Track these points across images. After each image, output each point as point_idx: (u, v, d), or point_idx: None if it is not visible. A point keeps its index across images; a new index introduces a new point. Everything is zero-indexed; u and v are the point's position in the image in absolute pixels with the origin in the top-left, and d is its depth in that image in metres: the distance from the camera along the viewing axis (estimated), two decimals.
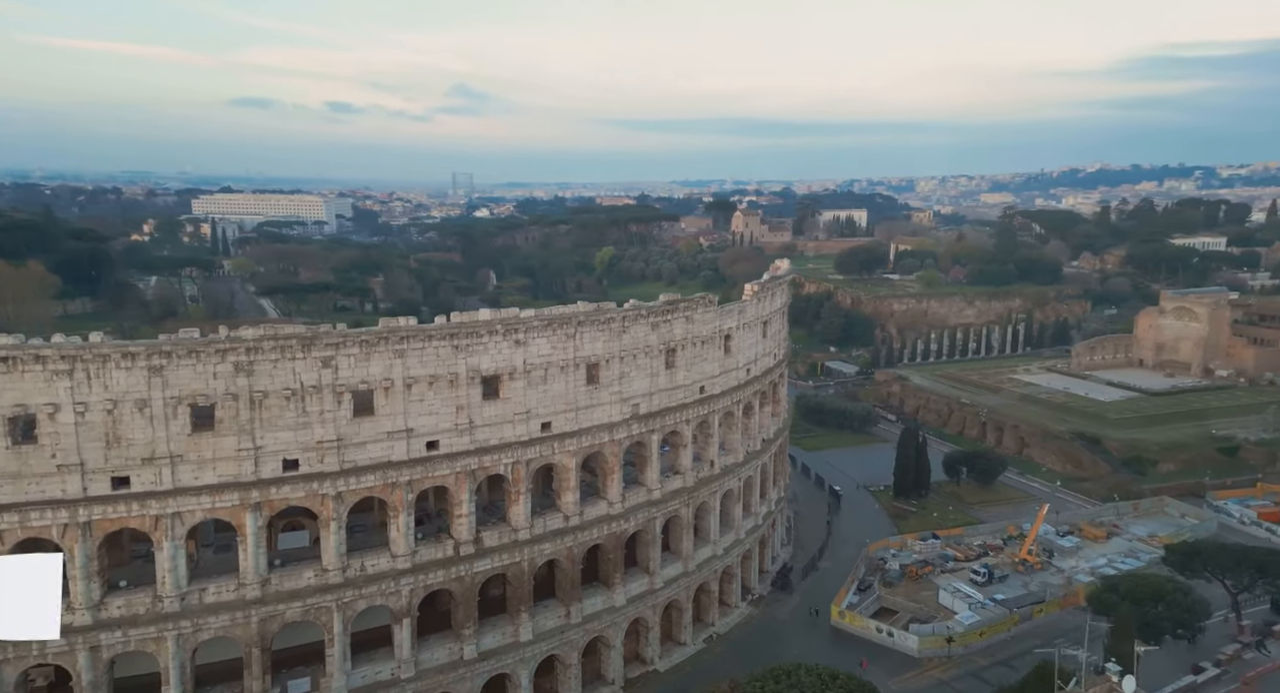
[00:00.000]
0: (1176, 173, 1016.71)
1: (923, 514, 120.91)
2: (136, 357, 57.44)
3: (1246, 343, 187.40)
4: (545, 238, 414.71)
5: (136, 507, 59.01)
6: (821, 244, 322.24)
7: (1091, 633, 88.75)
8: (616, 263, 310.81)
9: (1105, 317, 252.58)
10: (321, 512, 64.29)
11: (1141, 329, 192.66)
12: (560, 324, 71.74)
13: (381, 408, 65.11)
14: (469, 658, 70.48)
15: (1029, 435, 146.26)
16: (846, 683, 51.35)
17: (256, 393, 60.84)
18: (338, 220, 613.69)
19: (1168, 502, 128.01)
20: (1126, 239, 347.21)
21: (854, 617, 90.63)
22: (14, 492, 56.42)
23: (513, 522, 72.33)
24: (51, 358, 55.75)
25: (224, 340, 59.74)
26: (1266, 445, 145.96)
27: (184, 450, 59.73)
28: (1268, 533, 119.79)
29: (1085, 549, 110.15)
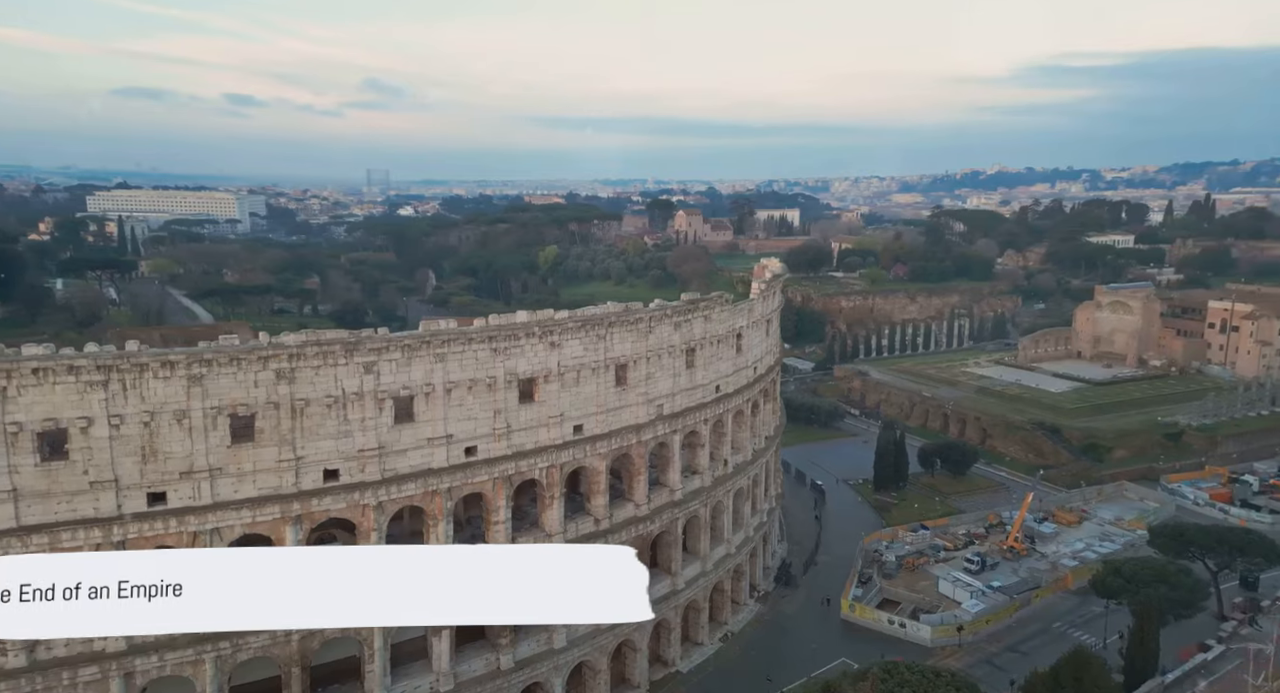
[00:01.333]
0: (1066, 175, 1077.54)
1: (904, 506, 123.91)
2: (176, 365, 54.51)
3: (1175, 334, 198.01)
4: (482, 237, 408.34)
5: (174, 523, 56.05)
6: (762, 243, 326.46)
7: (1090, 616, 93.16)
8: (561, 262, 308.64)
9: (1035, 311, 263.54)
10: (362, 523, 62.19)
11: (1080, 322, 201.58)
12: (592, 325, 71.03)
13: (422, 414, 63.37)
14: (506, 668, 69.18)
15: (991, 427, 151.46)
16: (951, 680, 52.05)
17: (298, 401, 58.48)
18: (251, 218, 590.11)
19: (1126, 486, 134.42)
20: (1044, 237, 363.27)
21: (864, 609, 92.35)
22: (43, 512, 52.92)
23: (546, 527, 71.31)
24: (86, 369, 52.43)
25: (267, 347, 57.19)
26: (1207, 431, 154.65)
27: (223, 463, 57.01)
28: (1221, 513, 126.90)
29: (1063, 534, 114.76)
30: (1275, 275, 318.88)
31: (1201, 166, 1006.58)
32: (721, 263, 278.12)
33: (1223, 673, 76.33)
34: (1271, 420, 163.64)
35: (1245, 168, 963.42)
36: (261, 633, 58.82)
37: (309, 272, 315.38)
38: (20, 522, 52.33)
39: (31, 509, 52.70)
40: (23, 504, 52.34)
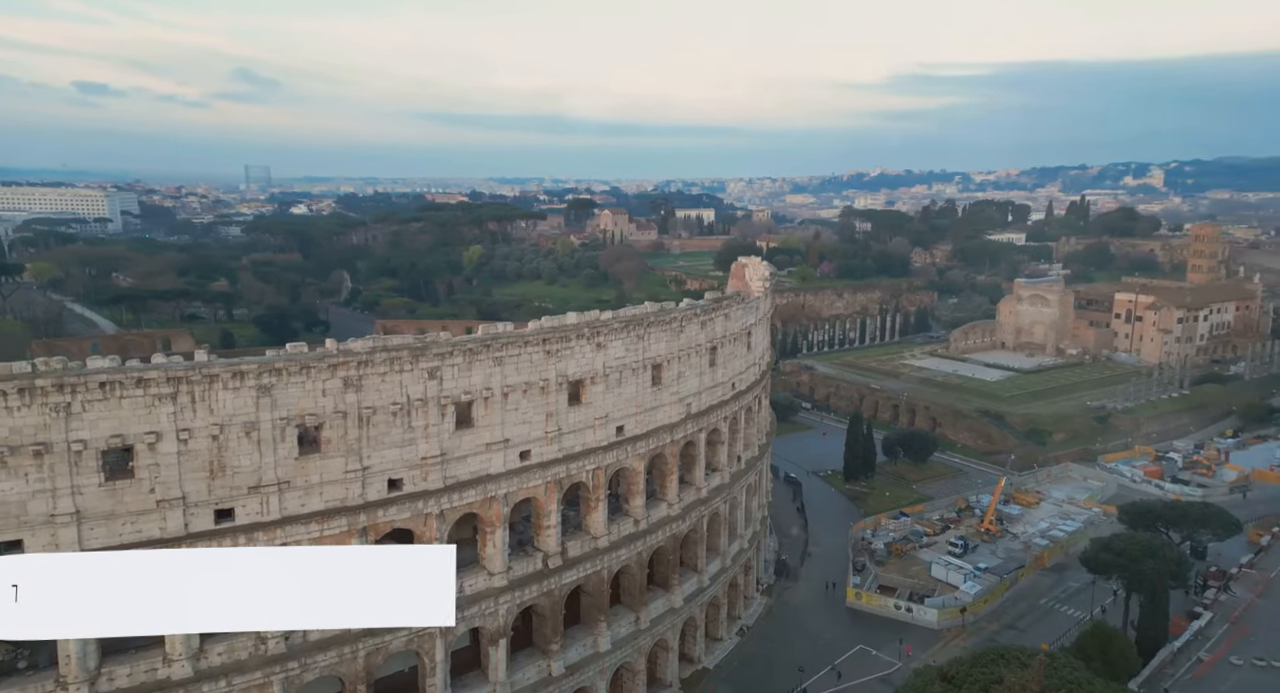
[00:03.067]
0: (941, 178, 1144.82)
1: (876, 495, 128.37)
2: (246, 375, 52.10)
3: (1087, 325, 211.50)
4: (393, 236, 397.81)
5: (243, 540, 53.50)
6: (686, 242, 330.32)
7: (1071, 591, 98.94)
8: (487, 262, 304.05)
9: (950, 305, 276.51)
10: (424, 533, 60.69)
11: (1003, 315, 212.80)
12: (634, 326, 71.18)
13: (480, 419, 62.34)
14: (557, 675, 68.72)
15: (940, 416, 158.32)
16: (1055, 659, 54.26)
17: (365, 409, 56.73)
18: (123, 217, 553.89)
19: (1071, 467, 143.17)
20: (945, 235, 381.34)
21: (869, 596, 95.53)
22: (107, 534, 49.77)
23: (592, 530, 71.14)
24: (156, 381, 49.54)
25: (336, 354, 55.25)
26: (1131, 413, 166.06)
27: (291, 476, 54.79)
28: (1156, 488, 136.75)
29: (1027, 515, 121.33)
30: (1148, 269, 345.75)
31: (1056, 170, 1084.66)
32: (652, 262, 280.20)
33: (1217, 637, 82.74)
34: (1182, 402, 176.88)
35: (1093, 172, 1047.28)
36: (330, 651, 56.91)
37: (213, 274, 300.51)
38: (83, 545, 49.05)
39: (95, 532, 49.47)
40: (85, 527, 49.10)
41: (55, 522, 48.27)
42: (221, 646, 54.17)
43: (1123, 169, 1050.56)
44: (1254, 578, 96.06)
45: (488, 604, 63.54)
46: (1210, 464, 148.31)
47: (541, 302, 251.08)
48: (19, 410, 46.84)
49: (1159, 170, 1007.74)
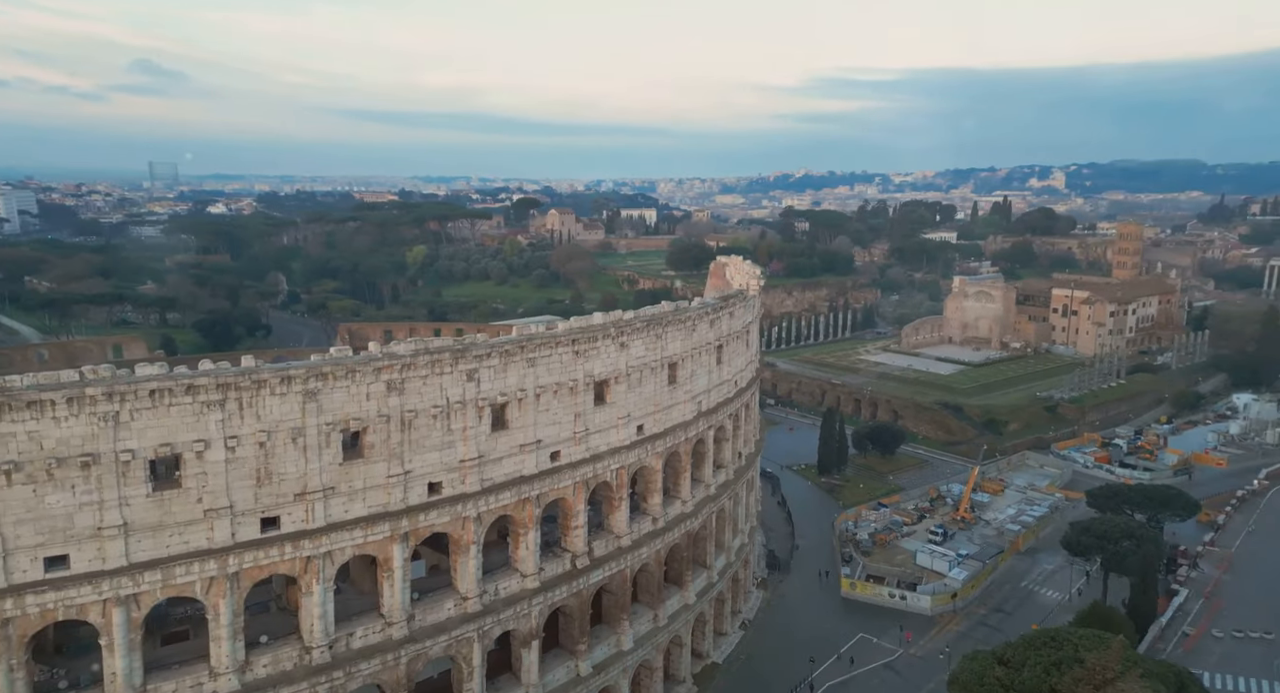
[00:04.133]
0: (862, 179, 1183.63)
1: (851, 487, 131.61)
2: (293, 381, 51.02)
3: (1028, 319, 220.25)
4: (327, 237, 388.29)
5: (289, 548, 52.50)
6: (632, 242, 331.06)
7: (1046, 573, 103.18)
8: (432, 263, 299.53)
9: (893, 301, 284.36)
10: (462, 536, 60.28)
11: (950, 311, 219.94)
12: (654, 325, 71.74)
13: (514, 421, 62.16)
14: (584, 675, 68.93)
15: (901, 408, 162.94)
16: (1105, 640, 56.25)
17: (408, 413, 56.13)
18: (20, 217, 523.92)
19: (1028, 455, 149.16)
20: (881, 234, 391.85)
21: (863, 586, 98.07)
22: (154, 546, 48.27)
23: (615, 529, 71.51)
24: (205, 388, 48.18)
25: (381, 357, 54.52)
26: (1077, 402, 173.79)
27: (335, 481, 53.90)
28: (1107, 473, 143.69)
29: (995, 502, 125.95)
30: (1067, 265, 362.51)
31: (968, 172, 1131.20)
32: (601, 262, 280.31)
33: (1195, 612, 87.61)
34: (1120, 391, 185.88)
35: (1002, 173, 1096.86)
36: (373, 658, 56.17)
37: (138, 277, 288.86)
38: (130, 559, 47.47)
39: (142, 544, 47.89)
40: (133, 539, 47.51)
41: (102, 535, 46.61)
42: (267, 657, 52.99)
43: (1028, 171, 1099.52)
44: (1218, 555, 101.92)
45: (522, 606, 63.39)
46: (1152, 449, 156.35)
47: (494, 302, 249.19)
48: (66, 421, 45.07)
49: (1061, 173, 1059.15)
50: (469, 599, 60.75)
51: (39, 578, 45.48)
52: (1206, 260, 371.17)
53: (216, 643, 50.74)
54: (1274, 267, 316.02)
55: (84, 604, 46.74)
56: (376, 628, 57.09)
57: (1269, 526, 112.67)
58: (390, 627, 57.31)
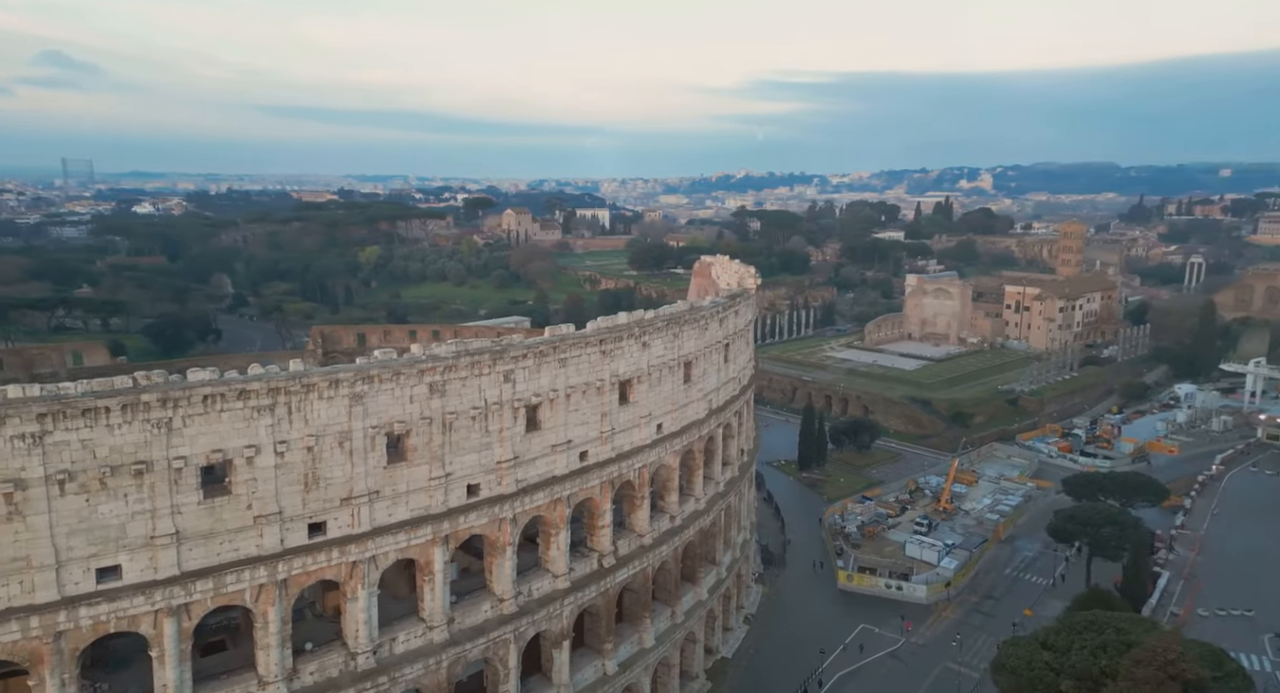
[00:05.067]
0: (800, 180, 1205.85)
1: (832, 481, 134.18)
2: (340, 384, 50.46)
3: (983, 316, 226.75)
4: (271, 237, 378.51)
5: (336, 554, 51.96)
6: (589, 242, 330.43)
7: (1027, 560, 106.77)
8: (385, 263, 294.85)
9: (849, 299, 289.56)
10: (499, 538, 60.20)
11: (909, 308, 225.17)
12: (672, 324, 72.42)
13: (546, 421, 62.27)
14: (611, 673, 69.30)
15: (872, 404, 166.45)
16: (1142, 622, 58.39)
17: (449, 414, 55.89)
18: None
19: (995, 447, 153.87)
20: (830, 234, 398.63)
21: (860, 577, 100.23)
22: (206, 554, 47.37)
23: (637, 528, 72.07)
24: (257, 392, 47.39)
25: (425, 359, 54.18)
26: (1036, 395, 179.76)
27: (380, 485, 53.46)
28: (1071, 462, 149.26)
29: (971, 493, 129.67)
30: (1007, 263, 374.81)
31: (901, 173, 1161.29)
32: (560, 262, 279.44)
33: (1179, 593, 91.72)
34: (1074, 384, 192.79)
35: (933, 175, 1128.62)
36: (416, 663, 55.83)
37: (72, 281, 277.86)
38: (183, 568, 46.48)
39: (193, 553, 46.94)
40: (184, 548, 46.53)
41: (155, 544, 45.55)
42: (313, 664, 52.30)
43: (958, 173, 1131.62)
44: (1189, 538, 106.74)
45: (554, 606, 63.53)
46: (1108, 438, 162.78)
47: (454, 304, 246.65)
48: (120, 428, 43.96)
49: (988, 175, 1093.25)
50: (505, 601, 60.70)
51: (91, 590, 44.29)
52: (1131, 258, 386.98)
53: (265, 651, 49.91)
54: (1193, 264, 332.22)
55: (136, 615, 45.61)
56: (418, 632, 56.71)
57: (1231, 508, 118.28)
58: (431, 631, 57.00)
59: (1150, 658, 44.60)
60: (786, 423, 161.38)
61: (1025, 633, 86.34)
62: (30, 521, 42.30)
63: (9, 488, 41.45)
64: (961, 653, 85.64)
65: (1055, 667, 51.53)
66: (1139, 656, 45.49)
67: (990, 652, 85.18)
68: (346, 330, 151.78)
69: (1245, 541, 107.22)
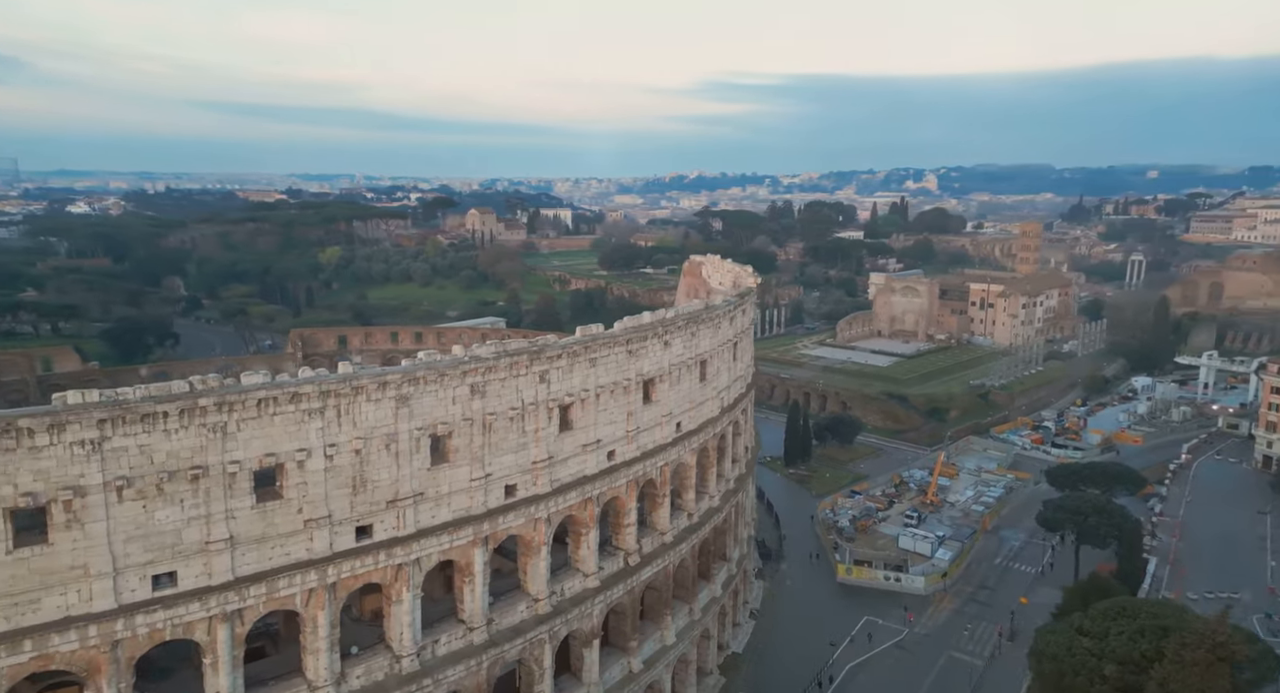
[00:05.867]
0: (752, 180, 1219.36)
1: (818, 476, 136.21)
2: (388, 386, 50.27)
3: (950, 312, 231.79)
4: (222, 238, 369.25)
5: (383, 556, 51.80)
6: (554, 242, 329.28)
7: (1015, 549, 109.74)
8: (347, 264, 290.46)
9: (814, 298, 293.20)
10: (533, 538, 60.36)
11: (879, 306, 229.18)
12: (691, 323, 73.18)
13: (577, 421, 62.59)
14: (636, 671, 69.90)
15: (850, 400, 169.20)
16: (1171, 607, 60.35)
17: (489, 415, 55.95)
18: None
19: (972, 440, 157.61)
20: (792, 234, 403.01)
21: (860, 570, 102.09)
22: (259, 559, 46.91)
23: (659, 526, 72.74)
24: (308, 395, 47.03)
25: (468, 360, 54.12)
26: (1006, 389, 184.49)
27: (424, 487, 53.37)
28: (1044, 453, 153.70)
29: (954, 486, 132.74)
30: (962, 262, 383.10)
31: (850, 174, 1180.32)
32: (528, 262, 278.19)
33: (1167, 577, 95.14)
34: (1040, 378, 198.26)
35: (880, 175, 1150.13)
36: (459, 664, 55.80)
37: (14, 284, 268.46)
38: (236, 573, 45.96)
39: (246, 558, 46.45)
40: (238, 553, 46.02)
41: (209, 549, 44.98)
42: (360, 668, 52.00)
43: (904, 173, 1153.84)
44: (1168, 525, 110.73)
45: (586, 606, 63.84)
46: (1076, 430, 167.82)
47: (422, 305, 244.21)
48: (177, 433, 43.33)
49: (932, 175, 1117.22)
50: (540, 601, 60.90)
51: (148, 597, 43.57)
52: (1075, 256, 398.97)
53: (315, 655, 49.52)
54: (1134, 262, 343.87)
55: (191, 622, 44.99)
56: (458, 634, 56.66)
57: (1203, 495, 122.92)
58: (471, 632, 57.01)
59: (1199, 641, 46.58)
60: (768, 420, 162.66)
61: (1024, 621, 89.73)
62: (89, 528, 41.51)
63: (68, 495, 40.65)
64: (964, 642, 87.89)
65: (1096, 652, 53.36)
66: (1187, 639, 47.46)
67: (990, 640, 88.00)
68: (327, 333, 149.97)
69: (1220, 526, 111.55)
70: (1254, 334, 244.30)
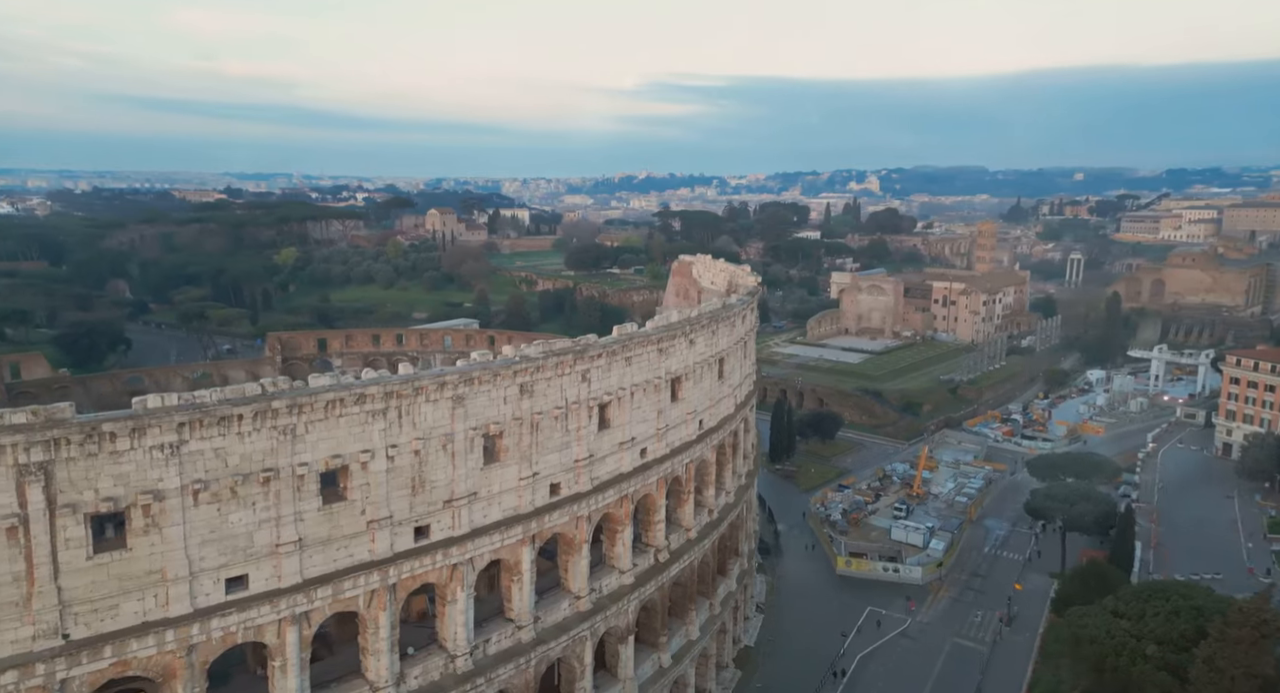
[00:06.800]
0: (700, 181, 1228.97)
1: (804, 472, 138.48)
2: (446, 386, 50.45)
3: (914, 310, 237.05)
4: (164, 240, 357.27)
5: (440, 557, 52.01)
6: (516, 242, 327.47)
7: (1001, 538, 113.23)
8: (305, 266, 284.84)
9: (778, 297, 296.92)
10: (575, 536, 60.89)
11: (846, 304, 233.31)
12: (713, 322, 74.23)
13: (615, 419, 63.26)
14: (666, 666, 70.80)
15: (826, 396, 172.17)
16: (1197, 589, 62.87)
17: (536, 414, 56.36)
18: None
19: (947, 433, 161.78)
20: (751, 234, 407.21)
21: (859, 562, 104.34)
22: (324, 560, 46.86)
23: (684, 523, 73.71)
24: (373, 397, 47.01)
25: (519, 360, 54.46)
26: (974, 384, 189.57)
27: (477, 487, 53.61)
28: (1015, 445, 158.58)
29: (935, 477, 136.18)
30: (914, 261, 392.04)
31: (795, 175, 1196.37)
32: (492, 262, 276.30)
33: (1153, 561, 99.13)
34: (1003, 372, 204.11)
35: (824, 177, 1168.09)
36: (509, 663, 56.06)
37: None
38: (304, 575, 45.77)
39: (313, 560, 46.32)
40: (305, 555, 45.86)
41: (279, 552, 44.76)
42: (418, 668, 52.03)
43: (847, 175, 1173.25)
44: (1146, 510, 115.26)
45: (623, 602, 64.53)
46: (1042, 422, 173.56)
47: (387, 306, 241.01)
48: (250, 436, 43.05)
49: (874, 177, 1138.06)
50: (581, 598, 61.46)
51: (221, 601, 43.21)
52: (1017, 255, 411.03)
53: (376, 657, 49.48)
54: (1073, 260, 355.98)
55: (262, 625, 44.72)
56: (507, 633, 56.92)
57: (1173, 481, 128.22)
58: (520, 630, 57.33)
59: (1244, 619, 49.12)
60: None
61: (1020, 607, 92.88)
62: (166, 532, 41.06)
63: (147, 499, 40.17)
64: (966, 628, 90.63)
65: (1135, 633, 55.77)
66: (1233, 617, 50.03)
67: (991, 626, 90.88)
68: (306, 336, 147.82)
69: (1193, 510, 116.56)
70: (1195, 328, 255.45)
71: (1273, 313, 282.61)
